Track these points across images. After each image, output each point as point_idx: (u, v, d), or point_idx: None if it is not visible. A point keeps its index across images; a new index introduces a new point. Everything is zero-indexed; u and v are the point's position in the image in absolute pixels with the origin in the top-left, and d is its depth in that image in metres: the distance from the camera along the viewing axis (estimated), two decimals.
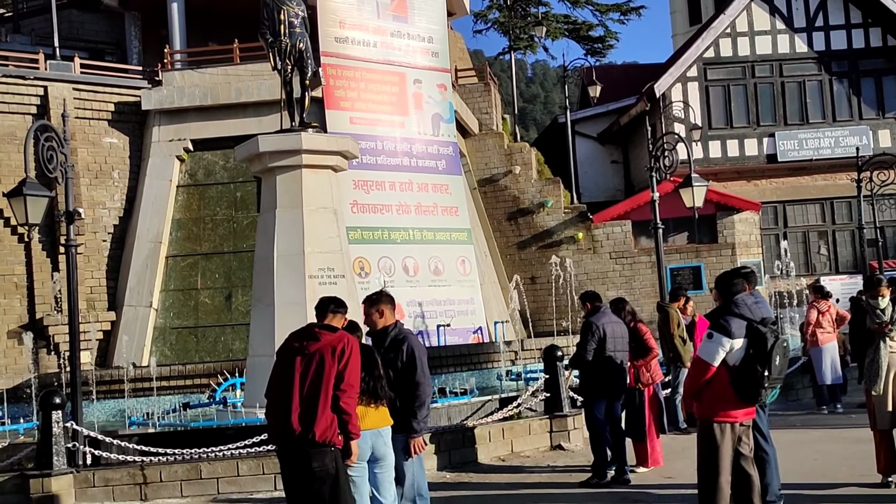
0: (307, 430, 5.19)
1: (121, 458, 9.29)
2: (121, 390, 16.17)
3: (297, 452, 5.23)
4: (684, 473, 8.74)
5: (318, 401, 5.22)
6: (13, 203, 9.53)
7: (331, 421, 5.23)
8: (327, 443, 5.22)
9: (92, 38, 22.81)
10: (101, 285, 19.10)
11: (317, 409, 5.21)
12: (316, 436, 5.18)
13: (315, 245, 12.61)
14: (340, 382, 5.27)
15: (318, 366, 5.28)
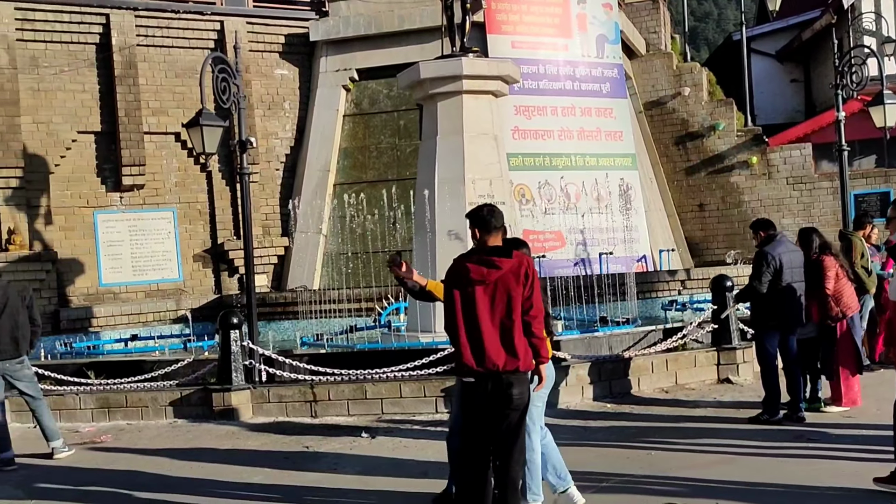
0: (509, 359, 5.07)
1: (293, 376, 9.78)
2: (293, 312, 17.04)
3: (498, 382, 5.07)
4: (865, 413, 8.28)
5: (513, 329, 5.09)
6: (191, 133, 10.05)
7: (527, 348, 5.14)
8: (526, 370, 5.16)
9: None
10: (275, 212, 20.02)
11: (513, 337, 5.08)
12: (519, 365, 5.08)
13: (476, 172, 12.63)
14: (530, 308, 5.12)
15: (505, 293, 5.10)
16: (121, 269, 18.24)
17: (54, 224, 17.65)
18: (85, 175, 18.13)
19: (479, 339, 5.09)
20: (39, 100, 17.76)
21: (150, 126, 18.57)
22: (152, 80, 18.72)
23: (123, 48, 18.27)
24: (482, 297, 5.11)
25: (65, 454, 8.11)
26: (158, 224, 18.68)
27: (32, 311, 8.18)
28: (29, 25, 17.68)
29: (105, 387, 10.01)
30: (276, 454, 7.82)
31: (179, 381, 10.00)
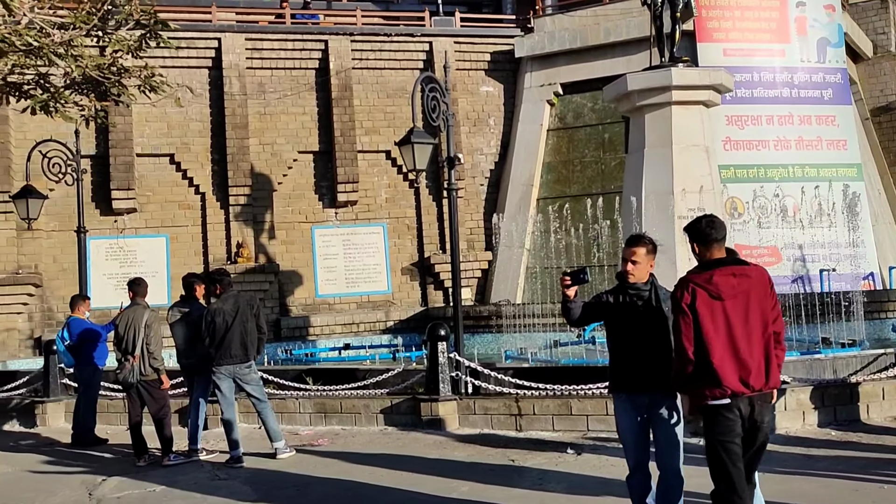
0: (766, 377, 4.79)
1: (497, 389, 9.86)
2: (497, 325, 17.24)
3: (753, 403, 4.78)
4: None
5: (767, 344, 4.82)
6: (403, 150, 10.42)
7: (777, 364, 4.86)
8: (773, 389, 4.88)
9: None
10: (479, 227, 20.39)
11: (769, 353, 4.82)
12: (774, 383, 4.82)
13: (685, 184, 12.27)
14: (776, 318, 4.87)
15: (757, 306, 4.82)
16: (335, 281, 19.25)
17: (276, 238, 18.92)
18: (304, 192, 19.32)
19: (737, 357, 4.78)
20: (265, 123, 19.14)
21: (363, 145, 19.52)
22: (365, 101, 19.67)
23: (340, 72, 19.33)
24: (735, 312, 4.80)
25: (286, 455, 8.61)
26: (370, 238, 19.56)
27: (259, 320, 8.77)
28: (257, 55, 19.12)
29: (322, 393, 10.55)
30: (481, 466, 7.91)
31: (390, 390, 10.35)
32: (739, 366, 4.76)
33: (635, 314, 5.26)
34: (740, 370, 4.76)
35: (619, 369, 5.34)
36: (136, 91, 9.71)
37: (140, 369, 8.66)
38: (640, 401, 5.23)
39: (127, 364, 8.64)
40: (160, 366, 8.74)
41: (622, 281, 5.35)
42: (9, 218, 17.10)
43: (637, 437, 5.27)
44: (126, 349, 8.70)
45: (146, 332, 8.64)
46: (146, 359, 8.66)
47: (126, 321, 8.74)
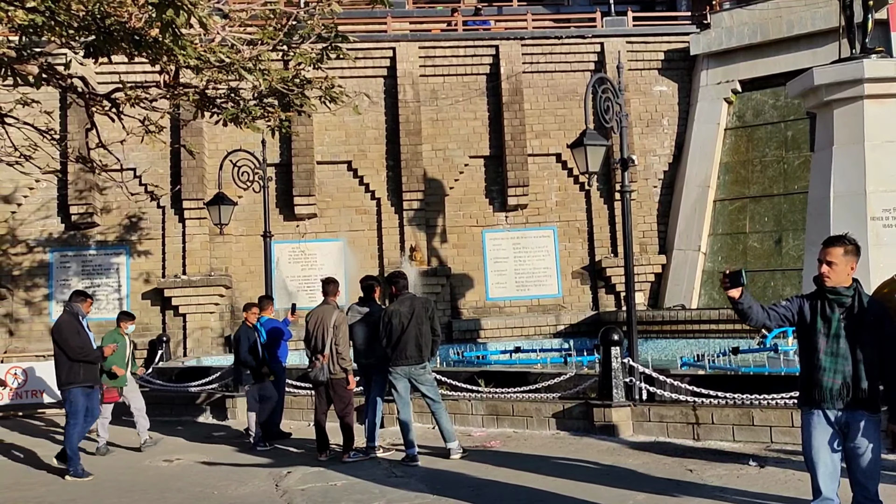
0: None
1: (673, 396, 9.60)
2: (671, 331, 16.77)
3: None
4: None
5: None
6: (575, 153, 10.35)
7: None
8: None
9: None
10: (652, 230, 19.91)
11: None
12: None
13: (879, 183, 11.48)
14: None
15: None
16: (505, 285, 19.36)
17: (448, 242, 19.26)
18: (475, 196, 19.56)
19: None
20: (437, 129, 19.54)
21: (533, 148, 19.53)
22: (536, 105, 19.68)
23: (510, 76, 19.44)
24: None
25: (459, 455, 8.74)
26: (540, 242, 19.54)
27: (434, 322, 8.95)
28: (430, 62, 19.56)
29: (494, 395, 10.65)
30: (657, 475, 7.72)
31: (561, 394, 10.31)
32: None
33: (835, 322, 4.88)
34: None
35: (812, 382, 4.93)
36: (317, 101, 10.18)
37: (329, 368, 9.04)
38: (835, 418, 4.86)
39: (317, 363, 9.04)
40: (348, 366, 9.10)
41: (819, 285, 5.01)
42: (203, 223, 18.35)
43: (826, 458, 4.87)
44: (315, 347, 9.10)
45: (335, 333, 9.01)
46: (335, 358, 9.03)
47: (315, 320, 9.15)
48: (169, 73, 9.52)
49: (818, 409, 4.92)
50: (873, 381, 4.82)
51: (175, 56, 8.19)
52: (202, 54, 8.68)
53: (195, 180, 18.46)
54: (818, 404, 4.90)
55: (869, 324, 4.83)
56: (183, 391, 13.30)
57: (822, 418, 4.90)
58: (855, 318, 4.86)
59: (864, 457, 4.80)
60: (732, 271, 4.94)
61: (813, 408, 4.95)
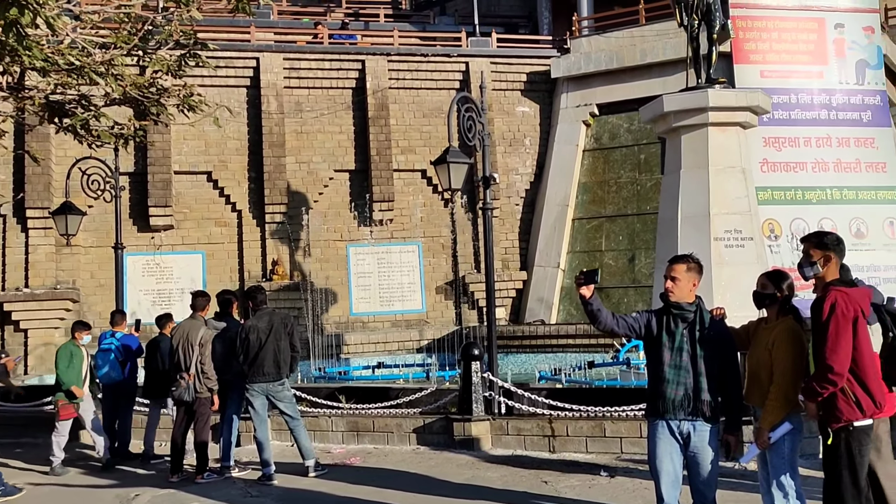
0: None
1: (531, 409, 9.80)
2: (531, 345, 17.16)
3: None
4: None
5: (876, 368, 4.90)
6: (438, 170, 10.45)
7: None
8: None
9: (506, 14, 24.20)
10: (514, 246, 20.37)
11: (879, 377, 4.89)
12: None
13: (721, 206, 12.15)
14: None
15: (867, 330, 4.86)
16: (369, 300, 19.31)
17: (312, 256, 19.06)
18: (340, 210, 19.45)
19: (878, 378, 4.81)
20: (302, 141, 19.33)
21: (399, 164, 19.63)
22: (402, 121, 19.80)
23: (377, 91, 19.48)
24: (868, 333, 4.83)
25: (318, 473, 8.61)
26: (404, 257, 19.62)
27: (293, 338, 8.79)
28: (295, 74, 19.35)
29: (354, 411, 10.56)
30: (514, 487, 7.86)
31: (423, 409, 10.34)
32: (882, 386, 4.78)
33: (678, 336, 5.09)
34: (883, 390, 4.78)
35: (656, 393, 5.13)
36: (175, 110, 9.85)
37: (195, 387, 8.71)
38: (677, 428, 5.07)
39: (182, 381, 8.69)
40: (214, 385, 8.79)
41: (664, 300, 5.24)
42: (49, 234, 17.41)
43: (669, 467, 5.07)
44: (179, 365, 8.74)
45: (201, 350, 8.69)
46: (200, 377, 8.71)
47: (181, 336, 8.80)
48: (13, 74, 8.99)
49: (662, 420, 5.11)
50: (713, 393, 5.06)
51: (20, 57, 7.74)
52: (49, 56, 8.24)
53: (41, 188, 17.50)
54: (662, 415, 5.09)
55: (709, 338, 5.07)
56: (23, 411, 12.50)
57: (665, 428, 5.10)
58: (696, 333, 5.09)
59: (703, 465, 5.03)
60: (588, 269, 5.08)
61: (657, 418, 5.14)
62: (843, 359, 4.61)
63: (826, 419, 4.78)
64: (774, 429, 5.01)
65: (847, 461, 4.69)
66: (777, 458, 5.10)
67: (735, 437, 5.06)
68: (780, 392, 5.01)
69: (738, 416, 5.11)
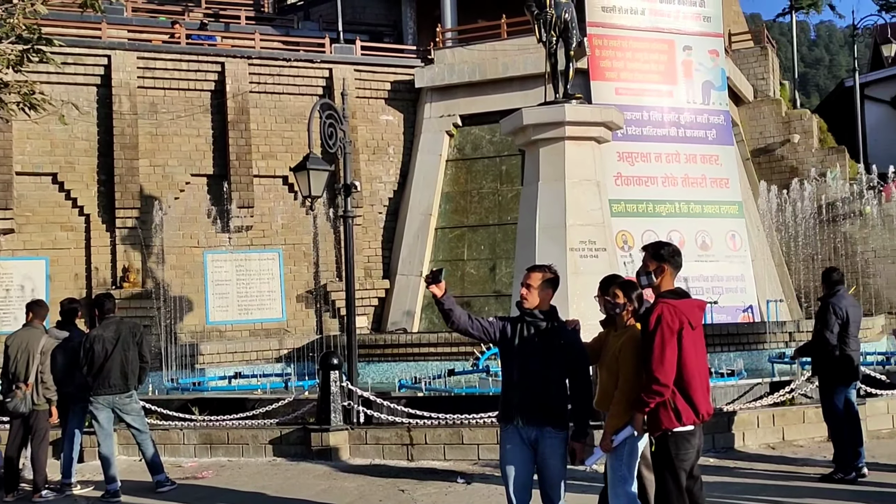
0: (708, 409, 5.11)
1: (390, 418, 9.79)
2: (393, 354, 17.13)
3: (701, 431, 5.14)
4: None
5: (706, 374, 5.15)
6: (298, 176, 10.31)
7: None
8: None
9: (372, 22, 24.21)
10: (377, 255, 20.34)
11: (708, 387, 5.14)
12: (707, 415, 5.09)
13: (577, 217, 12.55)
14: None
15: (702, 337, 5.10)
16: (227, 308, 18.80)
17: (166, 263, 18.38)
18: (197, 216, 18.86)
19: (703, 385, 5.00)
20: (157, 144, 18.65)
21: (260, 169, 19.24)
22: (263, 126, 19.43)
23: (237, 95, 19.05)
24: (698, 343, 5.02)
25: (167, 488, 8.29)
26: (264, 265, 19.22)
27: (142, 348, 8.44)
28: (150, 74, 18.65)
29: (208, 423, 10.24)
30: (370, 497, 7.82)
31: (280, 420, 10.15)
32: (706, 394, 4.98)
33: (530, 343, 5.17)
34: (707, 398, 4.99)
35: (507, 399, 5.21)
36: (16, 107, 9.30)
37: (33, 398, 8.20)
38: (526, 433, 5.15)
39: (18, 392, 8.16)
40: (53, 396, 8.31)
41: (519, 308, 5.33)
42: None
43: (518, 471, 5.16)
44: (17, 375, 8.21)
45: (41, 360, 8.20)
46: (39, 388, 8.21)
47: (18, 345, 8.27)
48: None
49: (512, 425, 5.19)
50: (562, 401, 5.19)
51: None
52: None
53: None
54: (512, 421, 5.17)
55: (561, 347, 5.18)
56: None
57: (515, 434, 5.18)
58: (548, 341, 5.19)
59: (551, 470, 5.15)
60: (434, 269, 5.12)
61: (508, 424, 5.21)
62: (668, 370, 4.82)
63: (649, 427, 5.01)
64: (618, 433, 5.19)
65: (667, 464, 4.92)
66: (616, 461, 5.29)
67: (581, 443, 5.20)
68: (623, 397, 5.19)
69: (586, 424, 5.25)
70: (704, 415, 4.98)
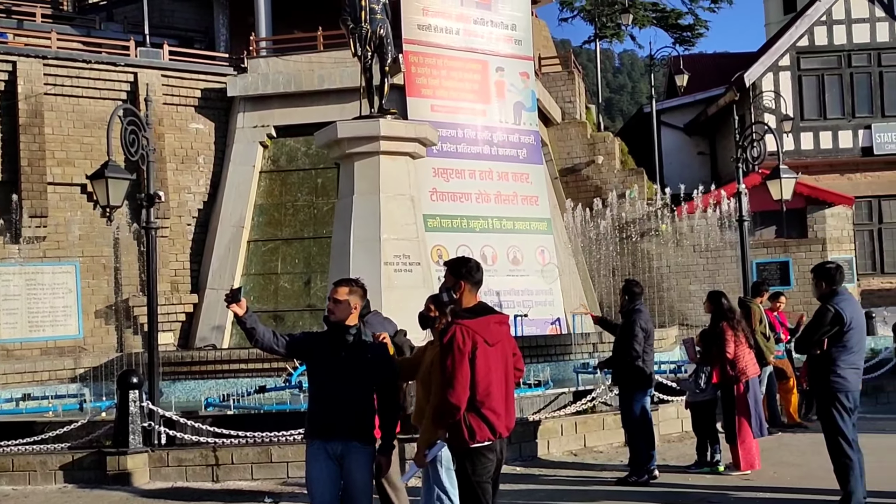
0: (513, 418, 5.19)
1: (195, 439, 9.39)
2: (202, 371, 16.49)
3: (502, 444, 5.17)
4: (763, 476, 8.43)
5: (511, 388, 5.20)
6: (95, 185, 9.74)
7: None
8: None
9: (181, 26, 23.33)
10: (185, 268, 19.54)
11: (512, 396, 5.20)
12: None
13: (391, 232, 12.62)
14: (517, 364, 5.28)
15: (508, 352, 5.14)
16: (16, 325, 17.43)
17: None
18: None
19: (503, 401, 5.02)
20: None
21: (55, 176, 18.04)
22: (59, 130, 18.24)
23: (30, 96, 17.79)
24: (498, 358, 5.03)
25: None
26: (59, 278, 17.98)
27: None
28: None
29: None
30: None
31: (72, 444, 9.50)
32: (506, 409, 5.02)
33: (338, 357, 5.11)
34: (506, 413, 5.02)
35: (314, 414, 5.13)
36: None
37: None
38: (332, 449, 5.07)
39: None
40: None
41: (326, 322, 5.26)
42: None
43: (324, 488, 5.08)
44: None
45: None
46: None
47: None
48: None
49: (319, 441, 5.10)
50: (369, 415, 5.15)
51: None
52: None
53: None
54: (318, 436, 5.09)
55: (367, 360, 5.16)
56: None
57: (321, 450, 5.09)
58: (355, 355, 5.15)
59: (357, 484, 5.10)
60: (233, 288, 5.03)
61: (314, 440, 5.12)
62: (458, 392, 4.90)
63: (449, 443, 5.10)
64: (431, 447, 5.21)
65: (465, 480, 5.03)
66: (434, 474, 5.32)
67: (387, 458, 5.19)
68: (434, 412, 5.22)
69: (391, 438, 5.24)
70: (503, 431, 5.05)
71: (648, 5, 36.37)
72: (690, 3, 36.66)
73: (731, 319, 8.75)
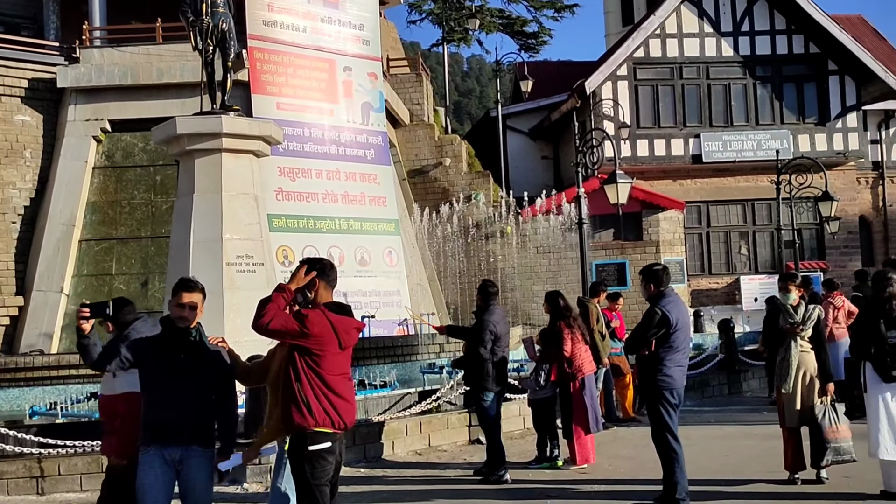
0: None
1: (18, 450, 8.82)
2: (27, 378, 15.50)
3: (340, 441, 5.11)
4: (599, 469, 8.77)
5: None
6: None
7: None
8: None
9: (7, 12, 21.87)
10: (9, 269, 18.31)
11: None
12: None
13: (234, 231, 12.27)
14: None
15: (350, 351, 5.12)
16: None
17: None
18: None
19: (346, 397, 4.98)
20: None
21: None
22: None
23: None
24: (345, 355, 5.02)
25: None
26: None
27: None
28: None
29: None
30: None
31: None
32: (347, 405, 4.97)
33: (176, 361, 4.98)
34: (346, 410, 4.97)
35: (149, 420, 4.95)
36: None
37: None
38: (172, 454, 4.91)
39: None
40: None
41: (166, 325, 5.11)
42: None
43: (159, 494, 4.90)
44: None
45: None
46: None
47: None
48: None
49: (155, 447, 4.93)
50: (209, 418, 5.03)
51: None
52: None
53: None
54: (155, 442, 4.92)
55: (206, 365, 5.05)
56: None
57: (156, 456, 4.93)
58: (193, 358, 5.04)
59: (198, 489, 5.00)
60: (96, 302, 4.87)
61: (149, 446, 4.95)
62: (272, 314, 4.95)
63: (290, 441, 5.13)
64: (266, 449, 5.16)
65: (303, 482, 4.96)
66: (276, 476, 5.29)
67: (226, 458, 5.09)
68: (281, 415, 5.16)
69: (230, 442, 5.13)
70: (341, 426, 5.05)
71: (495, 11, 37.22)
72: (535, 12, 37.80)
73: (567, 318, 9.06)
